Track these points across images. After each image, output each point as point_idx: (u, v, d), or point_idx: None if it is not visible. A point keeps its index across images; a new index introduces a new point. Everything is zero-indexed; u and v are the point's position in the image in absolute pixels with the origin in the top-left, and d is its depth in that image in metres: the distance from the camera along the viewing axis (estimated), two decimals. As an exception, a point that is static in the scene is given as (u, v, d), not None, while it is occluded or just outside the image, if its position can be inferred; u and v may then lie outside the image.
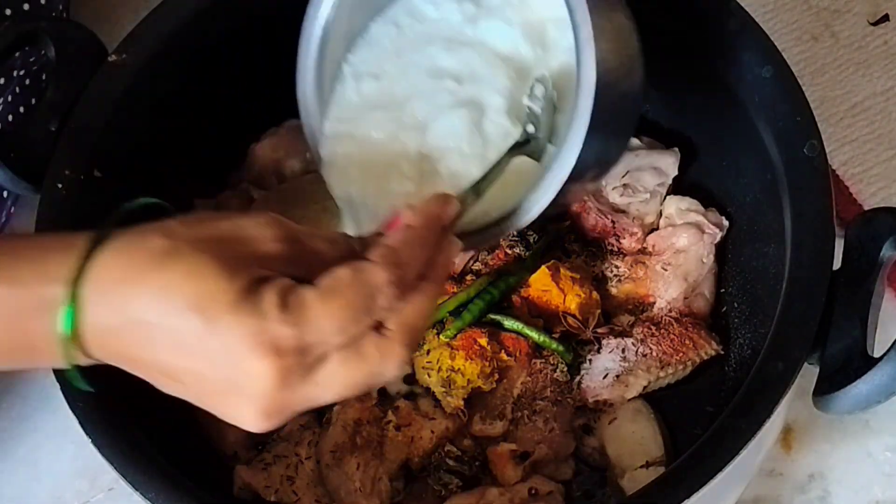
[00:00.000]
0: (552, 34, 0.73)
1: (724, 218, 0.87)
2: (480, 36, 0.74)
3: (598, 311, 0.84)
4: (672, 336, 0.82)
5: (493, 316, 0.82)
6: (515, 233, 0.85)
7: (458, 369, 0.80)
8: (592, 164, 0.68)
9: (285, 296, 0.53)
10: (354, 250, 0.57)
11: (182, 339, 0.52)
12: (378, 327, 0.55)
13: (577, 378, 0.83)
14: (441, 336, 0.81)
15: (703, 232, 0.86)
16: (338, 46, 0.76)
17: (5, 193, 0.95)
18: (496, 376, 0.81)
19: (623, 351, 0.82)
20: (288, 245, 0.55)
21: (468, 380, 0.80)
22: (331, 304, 0.53)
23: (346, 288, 0.53)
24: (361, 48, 0.77)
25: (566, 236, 0.88)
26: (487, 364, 0.80)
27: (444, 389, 0.80)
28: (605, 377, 0.82)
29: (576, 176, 0.65)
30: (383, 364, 0.54)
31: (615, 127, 0.69)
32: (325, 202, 0.86)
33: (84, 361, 0.56)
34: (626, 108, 0.69)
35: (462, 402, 0.80)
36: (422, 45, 0.75)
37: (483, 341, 0.81)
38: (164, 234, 0.54)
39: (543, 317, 0.84)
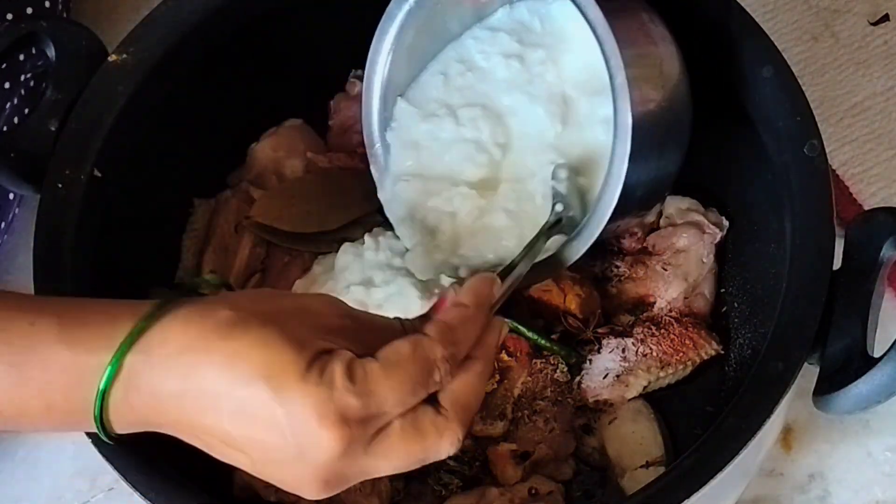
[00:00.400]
0: (583, 109, 0.77)
1: (724, 218, 0.87)
2: (511, 108, 0.79)
3: (599, 310, 0.84)
4: (672, 336, 0.82)
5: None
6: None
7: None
8: (638, 200, 0.72)
9: (350, 367, 0.54)
10: (410, 328, 0.59)
11: (248, 408, 0.53)
12: (434, 404, 0.56)
13: (578, 378, 0.83)
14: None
15: (703, 232, 0.86)
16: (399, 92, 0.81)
17: (11, 195, 0.95)
18: (497, 377, 0.81)
19: (623, 351, 0.82)
20: (348, 321, 0.57)
21: (468, 381, 0.80)
22: (393, 377, 0.54)
23: (406, 361, 0.55)
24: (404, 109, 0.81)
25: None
26: (488, 365, 0.80)
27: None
28: (605, 377, 0.82)
29: (620, 213, 0.70)
30: (440, 441, 0.56)
31: (660, 160, 0.73)
32: (328, 199, 0.86)
33: (130, 429, 0.57)
34: (671, 139, 0.73)
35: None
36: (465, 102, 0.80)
37: (483, 342, 0.80)
38: (231, 307, 0.55)
39: (544, 316, 0.84)
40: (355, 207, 0.86)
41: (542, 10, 0.79)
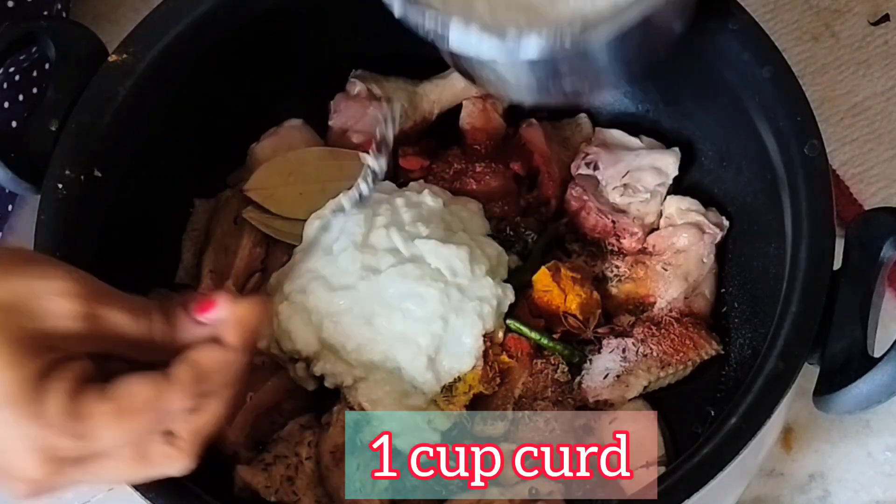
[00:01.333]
0: None
1: (724, 218, 0.87)
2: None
3: (599, 310, 0.84)
4: (672, 336, 0.82)
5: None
6: (511, 232, 0.86)
7: (460, 376, 0.79)
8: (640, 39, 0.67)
9: (75, 399, 0.49)
10: (157, 333, 0.54)
11: None
12: (167, 432, 0.52)
13: (578, 378, 0.83)
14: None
15: (703, 232, 0.86)
16: None
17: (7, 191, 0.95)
18: (497, 380, 0.80)
19: (623, 351, 0.82)
20: (85, 323, 0.51)
21: (469, 385, 0.80)
22: (121, 423, 0.50)
23: (140, 408, 0.51)
24: None
25: (566, 236, 0.88)
26: (489, 369, 0.80)
27: (445, 397, 0.80)
28: (605, 377, 0.82)
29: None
30: (166, 468, 0.53)
31: None
32: (324, 183, 0.86)
33: None
34: None
35: (464, 409, 0.80)
36: None
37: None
38: None
39: (544, 317, 0.84)
40: None
41: None
